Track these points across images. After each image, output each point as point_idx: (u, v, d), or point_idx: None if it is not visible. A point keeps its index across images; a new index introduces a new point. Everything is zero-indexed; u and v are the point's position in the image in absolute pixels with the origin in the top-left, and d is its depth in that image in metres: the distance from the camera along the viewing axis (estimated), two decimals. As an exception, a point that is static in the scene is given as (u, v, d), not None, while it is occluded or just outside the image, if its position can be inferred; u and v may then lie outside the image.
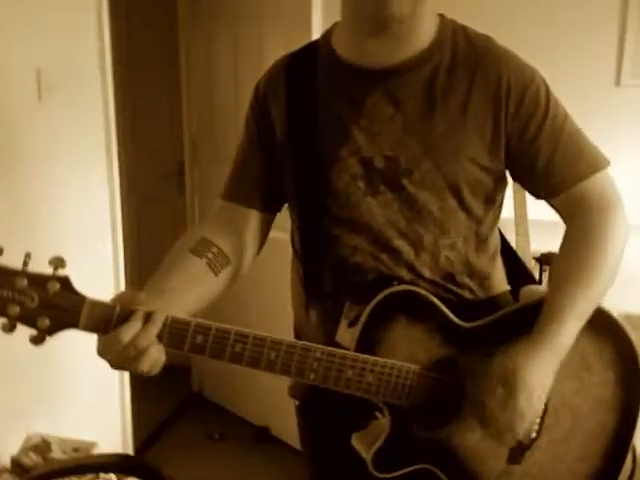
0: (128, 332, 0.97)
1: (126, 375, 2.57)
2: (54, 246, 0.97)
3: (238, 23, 3.04)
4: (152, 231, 3.81)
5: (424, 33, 1.17)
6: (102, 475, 1.68)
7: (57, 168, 2.11)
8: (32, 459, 1.80)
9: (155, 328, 0.99)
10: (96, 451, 1.92)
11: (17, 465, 1.79)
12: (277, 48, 1.35)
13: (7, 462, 1.81)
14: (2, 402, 1.87)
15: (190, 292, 1.15)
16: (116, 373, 2.50)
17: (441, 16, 1.21)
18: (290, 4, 2.73)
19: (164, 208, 3.83)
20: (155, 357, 1.01)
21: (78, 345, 2.14)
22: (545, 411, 1.19)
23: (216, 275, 1.21)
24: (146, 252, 3.71)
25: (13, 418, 1.93)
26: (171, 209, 3.80)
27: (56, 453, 1.85)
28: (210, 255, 1.20)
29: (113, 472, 1.69)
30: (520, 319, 1.17)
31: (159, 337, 1.00)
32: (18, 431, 1.92)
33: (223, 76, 3.21)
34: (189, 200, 3.60)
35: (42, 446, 1.86)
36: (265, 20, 2.88)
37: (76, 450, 1.89)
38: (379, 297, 1.12)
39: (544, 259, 2.29)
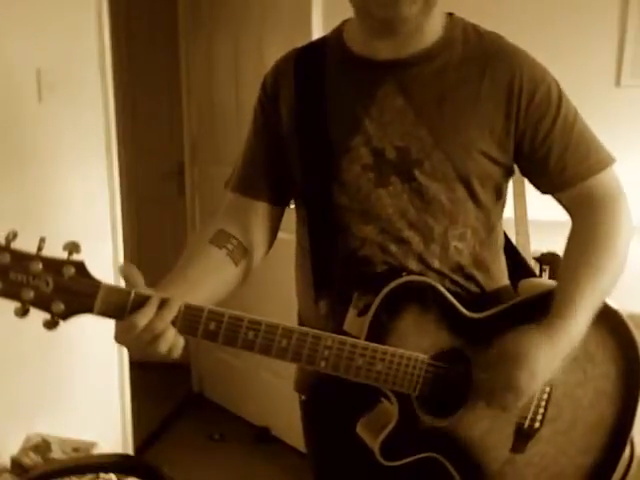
0: (143, 317, 0.98)
1: (126, 375, 2.56)
2: (53, 245, 0.97)
3: (238, 24, 3.04)
4: (152, 231, 3.81)
5: (432, 30, 1.18)
6: (102, 475, 1.68)
7: (57, 168, 2.11)
8: (32, 459, 1.80)
9: (170, 314, 1.00)
10: (96, 451, 1.92)
11: (17, 465, 1.79)
12: (277, 49, 1.35)
13: (7, 462, 1.81)
14: (2, 402, 1.87)
15: (209, 283, 1.16)
16: (116, 373, 2.50)
17: (451, 14, 1.22)
18: (290, 5, 2.73)
19: (164, 208, 3.83)
20: (173, 340, 1.01)
21: (78, 345, 2.14)
22: (549, 402, 1.21)
23: (236, 265, 1.22)
24: (146, 252, 3.72)
25: (13, 418, 1.93)
26: (171, 209, 3.80)
27: (56, 453, 1.85)
28: (230, 246, 1.22)
29: (113, 472, 1.69)
30: (528, 310, 1.18)
31: (173, 323, 1.01)
32: (18, 431, 1.92)
33: (223, 76, 3.21)
34: (189, 200, 3.59)
35: (42, 446, 1.86)
36: (265, 21, 2.88)
37: (76, 450, 1.89)
38: (389, 287, 1.13)
39: (544, 259, 2.29)
